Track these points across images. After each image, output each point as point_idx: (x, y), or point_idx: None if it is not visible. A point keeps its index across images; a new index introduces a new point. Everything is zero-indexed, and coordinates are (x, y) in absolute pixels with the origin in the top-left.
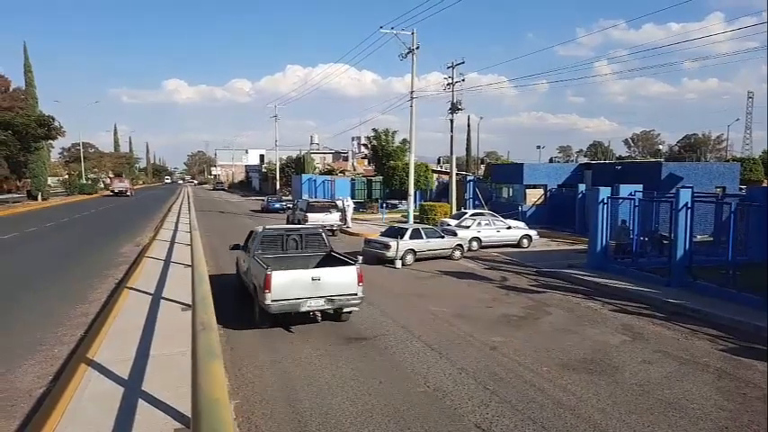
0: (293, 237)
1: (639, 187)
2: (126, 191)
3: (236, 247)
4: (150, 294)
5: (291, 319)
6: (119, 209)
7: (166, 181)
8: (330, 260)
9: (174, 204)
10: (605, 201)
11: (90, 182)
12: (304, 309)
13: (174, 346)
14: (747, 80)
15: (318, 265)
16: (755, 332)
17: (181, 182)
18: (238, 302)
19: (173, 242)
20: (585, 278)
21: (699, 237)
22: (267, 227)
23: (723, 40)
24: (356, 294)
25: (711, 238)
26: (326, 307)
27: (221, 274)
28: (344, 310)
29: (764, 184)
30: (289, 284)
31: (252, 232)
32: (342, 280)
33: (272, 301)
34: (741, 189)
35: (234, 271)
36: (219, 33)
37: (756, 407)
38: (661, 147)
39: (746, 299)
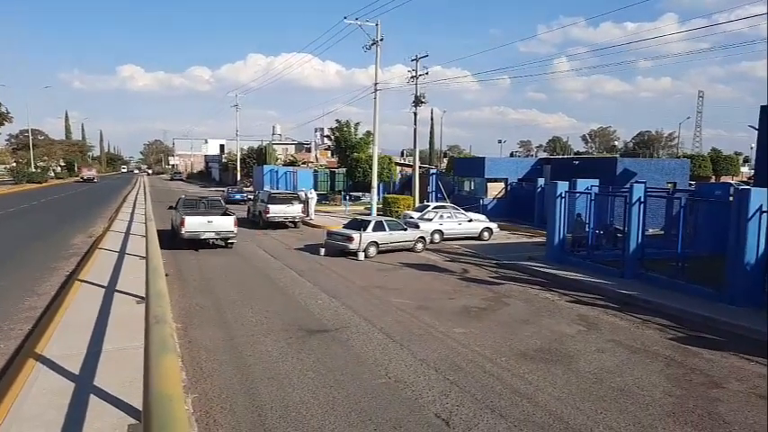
0: (203, 201)
1: (596, 182)
2: (93, 178)
3: (171, 207)
4: (103, 287)
5: (197, 244)
6: (70, 198)
7: (123, 170)
8: (223, 214)
9: (129, 194)
10: (563, 195)
11: (39, 170)
12: (203, 237)
13: (128, 339)
14: (698, 80)
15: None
16: (703, 322)
17: (136, 171)
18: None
19: (128, 233)
20: (543, 270)
21: (651, 230)
22: (186, 195)
23: (676, 41)
24: (233, 231)
25: (663, 232)
26: (216, 237)
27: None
28: (228, 241)
29: (712, 181)
30: (194, 223)
31: (179, 198)
32: (224, 223)
33: (185, 231)
34: (691, 185)
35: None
36: (178, 18)
37: (701, 392)
38: (617, 143)
39: (695, 290)
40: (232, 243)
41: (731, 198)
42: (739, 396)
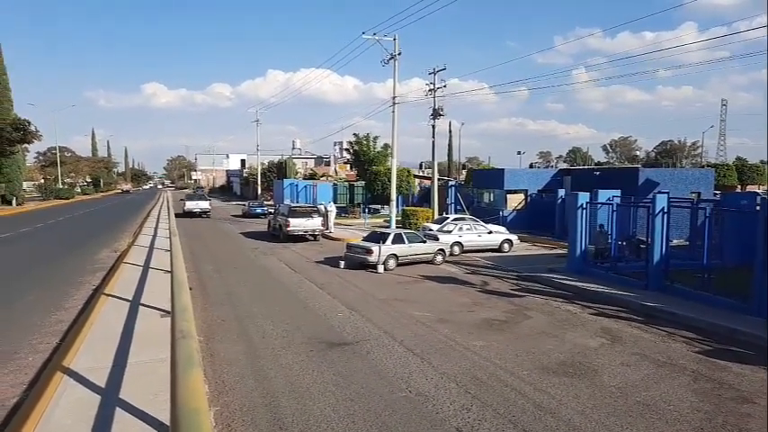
0: (196, 195)
1: (617, 192)
2: (129, 190)
3: (181, 200)
4: (128, 301)
5: (191, 215)
6: (96, 214)
7: (149, 185)
8: (205, 200)
9: (152, 209)
10: (584, 206)
11: (66, 186)
12: (194, 211)
13: (153, 353)
14: (720, 88)
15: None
16: (730, 335)
17: (160, 186)
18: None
19: (152, 247)
20: (565, 282)
21: (675, 241)
22: (188, 192)
23: (696, 50)
24: (209, 208)
25: (687, 243)
26: (201, 212)
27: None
28: (207, 213)
29: (738, 190)
30: (189, 204)
31: (185, 194)
32: (204, 204)
33: (185, 209)
34: (715, 195)
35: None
36: (200, 37)
37: (730, 408)
38: (638, 153)
39: (721, 302)
40: (208, 215)
41: (758, 208)
42: None
